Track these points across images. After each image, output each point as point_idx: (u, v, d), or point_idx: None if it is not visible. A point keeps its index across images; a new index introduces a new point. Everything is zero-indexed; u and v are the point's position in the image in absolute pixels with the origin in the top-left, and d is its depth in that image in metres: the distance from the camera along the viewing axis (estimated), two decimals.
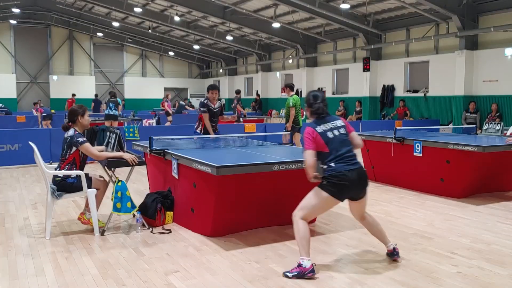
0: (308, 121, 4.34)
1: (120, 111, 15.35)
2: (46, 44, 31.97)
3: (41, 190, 7.82)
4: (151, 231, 5.37)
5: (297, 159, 5.00)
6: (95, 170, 8.20)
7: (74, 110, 5.38)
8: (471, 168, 6.99)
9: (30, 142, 5.59)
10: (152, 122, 17.81)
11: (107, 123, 14.06)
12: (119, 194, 5.24)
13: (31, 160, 8.70)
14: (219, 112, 7.80)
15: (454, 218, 6.03)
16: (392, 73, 19.59)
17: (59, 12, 29.04)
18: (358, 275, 4.08)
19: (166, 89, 35.27)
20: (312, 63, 24.19)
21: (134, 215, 5.60)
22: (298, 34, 22.92)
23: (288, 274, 4.04)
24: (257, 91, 28.53)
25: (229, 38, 25.33)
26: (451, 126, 14.15)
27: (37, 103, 21.93)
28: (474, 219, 5.95)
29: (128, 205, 5.29)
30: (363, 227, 5.53)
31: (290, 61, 25.80)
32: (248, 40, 26.84)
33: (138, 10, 22.55)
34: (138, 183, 8.36)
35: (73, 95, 24.94)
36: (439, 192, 7.30)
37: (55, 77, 31.86)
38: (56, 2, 27.11)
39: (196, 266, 4.30)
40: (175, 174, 5.54)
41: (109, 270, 4.21)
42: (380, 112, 19.99)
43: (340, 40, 22.15)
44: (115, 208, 5.25)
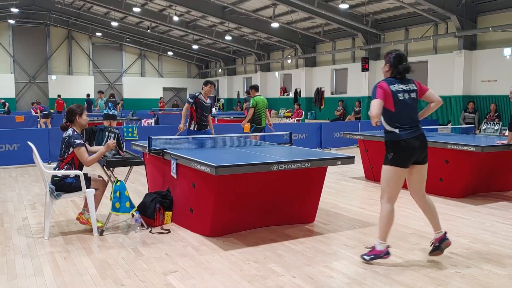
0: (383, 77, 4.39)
1: (119, 111, 15.40)
2: (45, 44, 31.97)
3: (39, 190, 7.81)
4: (150, 231, 5.37)
5: (296, 159, 5.01)
6: (94, 170, 8.19)
7: (72, 109, 5.36)
8: (470, 168, 7.00)
9: (29, 142, 5.57)
10: (151, 122, 17.81)
11: (106, 123, 14.07)
12: (118, 194, 5.24)
13: (29, 160, 8.71)
14: (210, 106, 7.78)
15: (453, 218, 6.03)
16: None
17: (58, 12, 29.04)
18: (357, 275, 4.08)
19: (165, 89, 35.29)
20: (311, 63, 24.21)
21: (133, 215, 5.59)
22: (297, 34, 22.94)
23: (365, 257, 4.33)
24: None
25: (228, 38, 25.34)
26: (449, 126, 14.13)
27: (35, 103, 21.92)
28: (473, 219, 5.95)
29: (127, 205, 5.28)
30: (362, 226, 5.57)
31: (289, 61, 25.81)
32: (247, 40, 26.85)
33: (137, 10, 22.56)
34: (137, 183, 8.36)
35: (59, 96, 25.03)
36: (438, 192, 7.30)
37: (53, 77, 31.86)
38: (55, 2, 27.10)
39: (195, 266, 4.30)
40: (174, 174, 5.54)
41: (107, 270, 4.20)
42: None
43: (339, 40, 22.17)
44: (113, 208, 5.25)
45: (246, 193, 5.17)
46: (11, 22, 29.62)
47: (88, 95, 24.56)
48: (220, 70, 33.68)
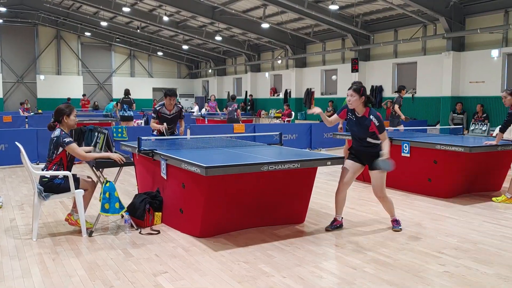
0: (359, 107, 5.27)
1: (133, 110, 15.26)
2: (33, 43, 31.68)
3: (27, 191, 7.74)
4: (140, 232, 5.34)
5: (286, 159, 5.02)
6: (82, 170, 8.15)
7: (61, 109, 5.31)
8: (458, 168, 7.06)
9: (17, 143, 5.52)
10: (141, 122, 17.75)
11: (123, 124, 14.13)
12: (107, 195, 5.21)
13: (17, 161, 8.61)
14: (177, 116, 7.75)
15: (442, 218, 6.08)
16: (381, 74, 19.73)
17: (46, 11, 28.78)
18: (347, 275, 4.10)
19: (155, 89, 35.14)
20: (301, 63, 24.26)
21: (123, 216, 5.56)
22: (287, 35, 22.98)
23: (399, 227, 5.43)
24: (246, 92, 28.52)
25: (218, 38, 25.31)
26: (438, 127, 14.27)
27: (24, 103, 21.71)
28: (461, 219, 6.01)
29: (116, 206, 5.26)
30: (352, 227, 5.61)
31: (279, 61, 25.85)
32: (237, 40, 26.84)
33: (126, 9, 22.43)
34: (127, 184, 8.31)
35: (83, 95, 25.02)
36: (427, 192, 7.36)
37: (42, 77, 31.57)
38: (43, 1, 26.86)
39: (184, 267, 4.29)
40: (163, 174, 5.52)
41: (97, 272, 4.18)
42: None
43: (328, 41, 22.25)
44: (103, 209, 5.22)
45: (236, 193, 5.16)
46: None
47: (84, 95, 24.42)
48: (210, 71, 33.62)
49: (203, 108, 22.24)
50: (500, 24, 14.85)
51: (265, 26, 21.21)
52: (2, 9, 26.05)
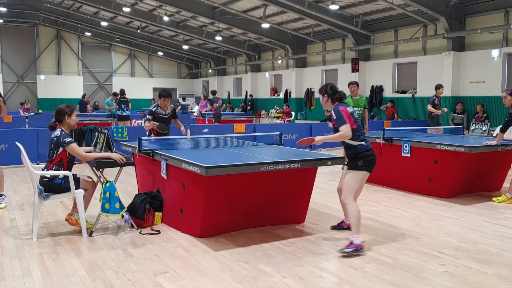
0: (329, 106, 4.97)
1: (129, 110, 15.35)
2: (33, 43, 31.67)
3: (28, 191, 7.74)
4: (140, 232, 5.34)
5: (286, 159, 5.01)
6: (83, 170, 8.15)
7: (61, 109, 5.32)
8: (458, 168, 7.06)
9: (17, 143, 5.52)
10: (141, 122, 17.73)
11: (120, 123, 14.19)
12: (107, 195, 5.21)
13: (18, 161, 8.59)
14: (171, 117, 7.79)
15: (442, 218, 6.08)
16: (381, 74, 19.73)
17: (47, 11, 28.78)
18: (347, 275, 4.10)
19: (155, 89, 35.14)
20: (301, 63, 24.26)
21: (123, 216, 5.56)
22: (287, 35, 22.97)
23: (345, 250, 4.56)
24: (246, 92, 28.52)
25: (218, 38, 25.31)
26: (438, 127, 14.24)
27: (24, 103, 21.71)
28: (461, 219, 6.00)
29: (117, 205, 5.26)
30: None
31: (279, 61, 25.85)
32: (237, 40, 26.84)
33: (126, 9, 22.43)
34: (127, 184, 8.31)
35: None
36: (427, 192, 7.36)
37: (42, 76, 31.57)
38: (44, 1, 26.86)
39: (185, 267, 4.29)
40: (164, 174, 5.52)
41: (97, 272, 4.18)
42: (368, 113, 20.09)
43: (329, 41, 22.25)
44: (103, 209, 5.22)
45: (237, 193, 5.17)
46: None
47: (83, 96, 24.37)
48: (210, 71, 33.62)
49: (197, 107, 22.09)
50: (500, 24, 14.85)
51: (265, 26, 21.20)
52: (3, 9, 26.05)
